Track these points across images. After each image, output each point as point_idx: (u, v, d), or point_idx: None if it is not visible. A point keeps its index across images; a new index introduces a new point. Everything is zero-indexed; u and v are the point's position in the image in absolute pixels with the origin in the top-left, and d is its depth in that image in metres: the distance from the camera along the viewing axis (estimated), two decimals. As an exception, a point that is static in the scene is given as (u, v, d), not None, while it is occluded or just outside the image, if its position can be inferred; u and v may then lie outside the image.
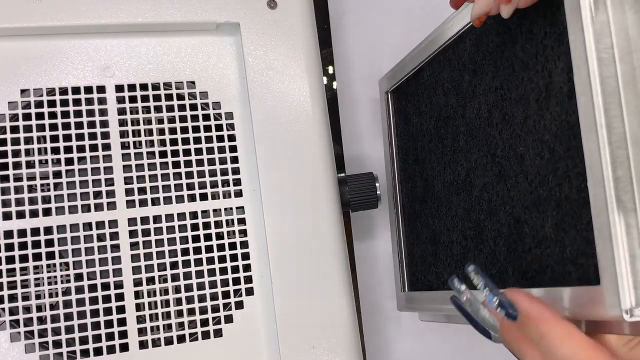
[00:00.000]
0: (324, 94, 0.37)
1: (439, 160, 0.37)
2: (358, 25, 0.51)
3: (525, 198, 0.28)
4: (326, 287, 0.34)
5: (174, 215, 0.34)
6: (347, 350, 0.34)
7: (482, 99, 0.31)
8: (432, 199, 0.38)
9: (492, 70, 0.30)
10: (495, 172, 0.30)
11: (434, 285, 0.38)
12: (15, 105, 0.33)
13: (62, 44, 0.34)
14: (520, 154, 0.28)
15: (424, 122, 0.39)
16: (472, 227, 0.33)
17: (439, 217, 0.37)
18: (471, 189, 0.33)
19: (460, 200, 0.34)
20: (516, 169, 0.28)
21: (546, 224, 0.26)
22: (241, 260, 0.34)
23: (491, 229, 0.31)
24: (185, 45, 0.36)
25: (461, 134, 0.34)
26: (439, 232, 0.37)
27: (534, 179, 0.27)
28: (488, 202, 0.31)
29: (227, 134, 0.35)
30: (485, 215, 0.31)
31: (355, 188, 0.38)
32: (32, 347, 0.31)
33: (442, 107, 0.36)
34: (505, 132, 0.29)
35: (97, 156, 0.33)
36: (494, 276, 0.30)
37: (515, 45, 0.28)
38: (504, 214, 0.29)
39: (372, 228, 0.49)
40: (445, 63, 0.35)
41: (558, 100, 0.25)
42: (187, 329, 0.33)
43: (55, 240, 0.32)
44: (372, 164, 0.49)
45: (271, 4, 0.36)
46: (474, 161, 0.32)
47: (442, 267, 0.36)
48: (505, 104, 0.29)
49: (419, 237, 0.40)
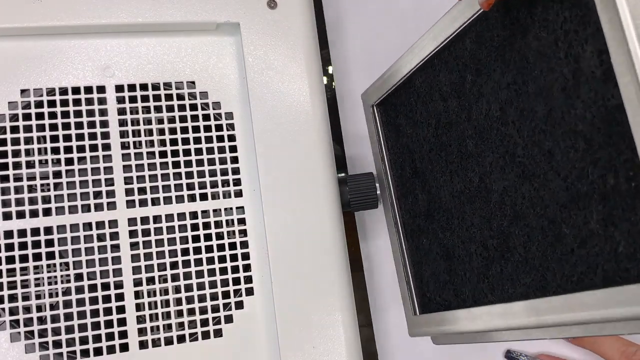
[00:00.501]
0: (324, 94, 0.37)
1: (443, 170, 0.35)
2: (355, 26, 0.52)
3: (559, 196, 0.26)
4: (326, 286, 0.34)
5: (174, 215, 0.34)
6: (347, 350, 0.34)
7: (492, 97, 0.30)
8: (439, 211, 0.35)
9: (501, 66, 0.29)
10: (517, 173, 0.29)
11: (452, 304, 0.35)
12: (15, 105, 0.33)
13: (62, 44, 0.34)
14: (547, 150, 0.26)
15: (420, 132, 0.37)
16: (495, 236, 0.31)
17: (450, 230, 0.35)
18: (488, 195, 0.31)
19: (475, 208, 0.32)
20: (544, 167, 0.27)
21: (590, 220, 0.24)
22: (241, 260, 0.34)
23: (519, 235, 0.29)
24: (185, 45, 0.36)
25: (469, 137, 0.32)
26: (453, 246, 0.34)
27: (569, 174, 0.25)
28: (512, 207, 0.29)
29: (227, 134, 0.35)
30: (509, 221, 0.29)
31: (355, 188, 0.38)
32: (32, 347, 0.31)
33: (442, 112, 0.34)
34: (525, 129, 0.28)
35: (97, 156, 0.33)
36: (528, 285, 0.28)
37: (526, 35, 0.27)
38: (534, 217, 0.28)
39: (374, 228, 0.49)
40: (442, 66, 0.34)
41: (591, 86, 0.24)
42: (187, 329, 0.33)
43: (55, 240, 0.32)
44: (372, 164, 0.49)
45: (271, 4, 0.36)
46: (489, 165, 0.31)
47: (461, 283, 0.34)
48: (521, 100, 0.28)
49: (427, 254, 0.37)
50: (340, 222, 0.36)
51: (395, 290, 0.47)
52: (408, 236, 0.40)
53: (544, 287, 0.27)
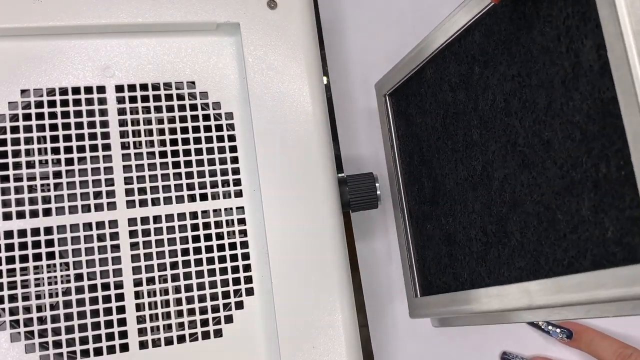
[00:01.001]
0: (324, 94, 0.37)
1: (449, 158, 0.36)
2: (352, 27, 0.52)
3: (555, 184, 0.27)
4: (326, 286, 0.34)
5: (174, 215, 0.34)
6: (347, 350, 0.34)
7: (497, 89, 0.31)
8: (443, 198, 0.37)
9: (507, 59, 0.30)
10: (517, 161, 0.30)
11: (451, 287, 0.37)
12: (15, 106, 0.33)
13: (62, 44, 0.34)
14: (546, 140, 0.28)
15: (429, 121, 0.38)
16: (494, 222, 0.32)
17: (453, 216, 0.36)
18: (490, 183, 0.32)
19: (477, 195, 0.33)
20: (542, 155, 0.28)
21: (582, 207, 0.26)
22: (241, 260, 0.34)
23: (517, 221, 0.30)
24: (185, 45, 0.36)
25: (474, 127, 0.33)
26: (454, 231, 0.36)
27: (565, 163, 0.27)
28: (511, 194, 0.30)
29: (227, 134, 0.35)
30: (508, 208, 0.31)
31: (355, 188, 0.38)
32: (32, 347, 0.31)
33: (450, 103, 0.35)
34: (526, 120, 0.29)
35: (97, 156, 0.33)
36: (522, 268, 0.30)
37: (532, 30, 0.28)
38: (531, 203, 0.29)
39: (371, 228, 0.49)
40: (452, 58, 0.35)
41: (588, 79, 0.25)
42: (187, 329, 0.33)
43: (55, 240, 0.32)
44: (371, 165, 0.49)
45: (271, 4, 0.36)
46: (491, 154, 0.32)
47: (460, 267, 0.36)
48: (524, 91, 0.29)
49: (430, 239, 0.39)
50: (340, 222, 0.36)
51: (391, 292, 0.47)
52: (413, 222, 0.41)
53: (537, 271, 0.29)
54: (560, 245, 0.27)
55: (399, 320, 0.47)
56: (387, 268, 0.48)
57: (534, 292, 0.29)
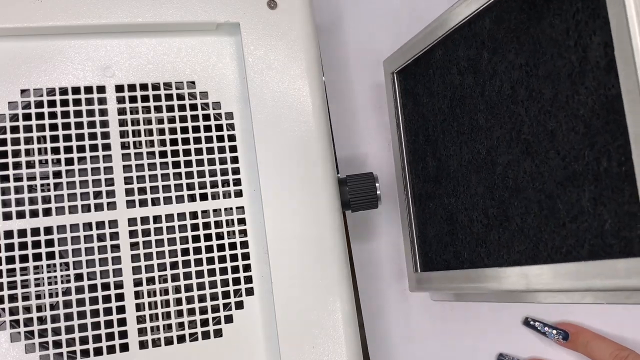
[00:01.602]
0: (324, 94, 0.37)
1: (454, 140, 0.36)
2: (349, 26, 0.51)
3: (557, 173, 0.28)
4: (326, 286, 0.34)
5: (174, 215, 0.34)
6: (347, 349, 0.34)
7: (505, 76, 0.31)
8: (447, 178, 0.37)
9: (516, 47, 0.30)
10: (521, 149, 0.30)
11: (451, 265, 0.37)
12: (15, 105, 0.33)
13: (62, 44, 0.34)
14: (550, 130, 0.28)
15: (436, 102, 0.38)
16: (495, 205, 0.33)
17: (455, 196, 0.37)
18: (493, 167, 0.33)
19: (480, 178, 0.34)
20: (546, 145, 0.28)
21: (583, 198, 0.26)
22: (241, 260, 0.34)
23: (518, 206, 0.31)
24: (185, 45, 0.36)
25: (480, 112, 0.34)
26: (456, 211, 0.37)
27: (567, 154, 0.27)
28: (514, 180, 0.31)
29: (227, 134, 0.35)
30: (510, 193, 0.31)
31: (355, 188, 0.38)
32: (32, 347, 0.31)
33: (458, 86, 0.36)
34: (532, 109, 0.29)
35: (97, 156, 0.33)
36: (522, 252, 0.31)
37: (541, 21, 0.28)
38: (532, 191, 0.30)
39: (372, 228, 0.49)
40: (461, 41, 0.35)
41: (594, 74, 0.25)
42: (187, 329, 0.33)
43: (55, 240, 0.32)
44: (371, 164, 0.49)
45: (271, 4, 0.36)
46: (496, 139, 0.32)
47: (461, 246, 0.36)
48: (531, 81, 0.29)
49: (432, 217, 0.40)
50: (340, 222, 0.36)
51: (388, 292, 0.48)
52: (416, 199, 0.42)
53: (536, 256, 0.30)
54: (559, 233, 0.28)
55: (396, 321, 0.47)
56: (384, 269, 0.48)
57: (531, 276, 0.29)
